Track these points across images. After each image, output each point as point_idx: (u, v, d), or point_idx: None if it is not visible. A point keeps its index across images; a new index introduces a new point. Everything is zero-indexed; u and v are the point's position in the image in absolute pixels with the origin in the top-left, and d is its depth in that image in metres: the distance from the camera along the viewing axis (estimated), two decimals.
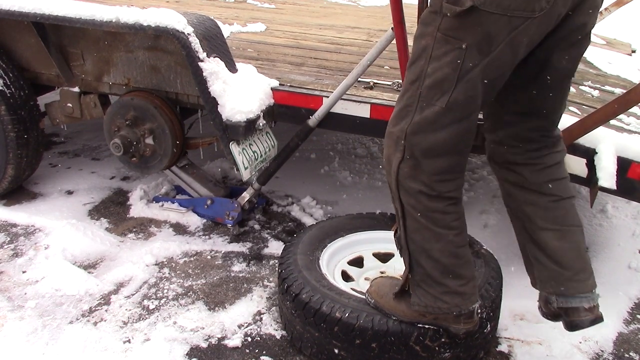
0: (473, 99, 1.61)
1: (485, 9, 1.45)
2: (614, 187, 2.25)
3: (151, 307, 2.45)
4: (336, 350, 2.05)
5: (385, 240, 2.53)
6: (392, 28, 2.46)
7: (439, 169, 1.68)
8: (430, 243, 1.79)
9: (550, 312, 1.93)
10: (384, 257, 2.52)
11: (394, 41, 2.54)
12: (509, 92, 1.80)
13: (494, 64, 1.56)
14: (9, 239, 2.91)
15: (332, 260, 2.44)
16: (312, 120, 2.75)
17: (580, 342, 2.31)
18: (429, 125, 1.63)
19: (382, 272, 2.42)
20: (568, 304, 1.84)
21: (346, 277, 2.42)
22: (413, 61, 1.65)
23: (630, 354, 2.29)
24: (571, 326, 1.87)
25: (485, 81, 1.59)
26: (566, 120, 2.29)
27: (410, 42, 2.25)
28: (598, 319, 1.84)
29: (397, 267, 2.43)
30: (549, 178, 1.87)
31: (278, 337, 2.30)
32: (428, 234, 1.78)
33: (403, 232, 1.83)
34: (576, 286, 1.83)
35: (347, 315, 2.01)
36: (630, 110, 2.36)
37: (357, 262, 2.50)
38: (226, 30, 3.75)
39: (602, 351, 2.29)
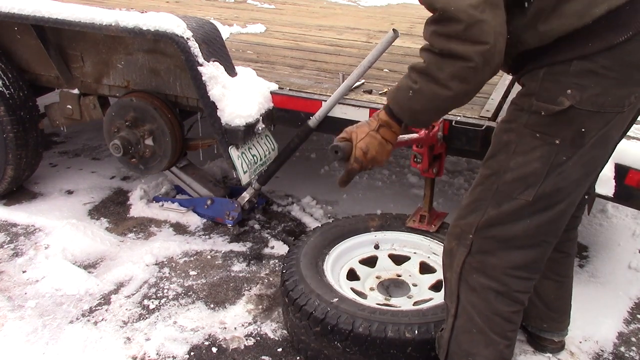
0: (561, 190, 1.60)
1: (581, 108, 1.49)
2: (611, 194, 2.27)
3: (151, 306, 2.45)
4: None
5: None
6: (393, 29, 2.46)
7: (514, 263, 1.63)
8: (478, 348, 1.70)
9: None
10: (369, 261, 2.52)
11: (394, 43, 2.54)
12: None
13: (586, 156, 1.57)
14: (9, 238, 2.91)
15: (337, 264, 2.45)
16: (313, 121, 2.75)
17: (580, 342, 2.31)
18: (507, 217, 1.61)
19: (377, 277, 2.42)
20: (542, 334, 2.22)
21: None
22: (491, 155, 1.64)
23: (631, 353, 2.29)
24: (540, 348, 2.25)
25: (579, 173, 1.60)
26: None
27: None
28: (562, 348, 2.26)
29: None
30: (567, 238, 2.03)
31: (278, 337, 2.31)
32: (480, 338, 1.70)
33: (449, 333, 1.76)
34: (557, 325, 2.21)
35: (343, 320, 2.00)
36: None
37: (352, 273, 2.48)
38: (226, 32, 3.75)
39: (602, 351, 2.29)
